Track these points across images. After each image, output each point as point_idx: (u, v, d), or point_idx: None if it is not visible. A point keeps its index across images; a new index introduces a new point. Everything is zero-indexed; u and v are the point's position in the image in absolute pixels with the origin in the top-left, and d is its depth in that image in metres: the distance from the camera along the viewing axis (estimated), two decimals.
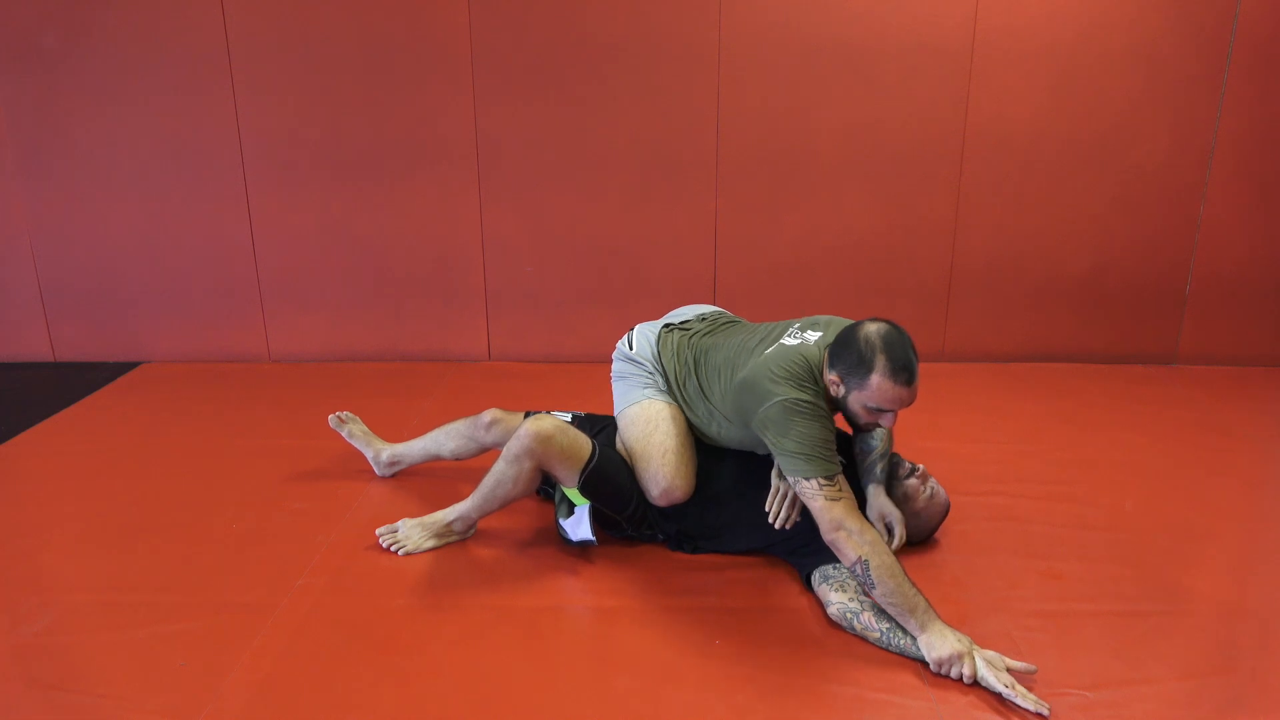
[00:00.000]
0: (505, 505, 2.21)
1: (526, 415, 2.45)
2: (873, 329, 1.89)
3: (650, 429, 2.18)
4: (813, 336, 2.05)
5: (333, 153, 3.44)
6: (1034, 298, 3.58)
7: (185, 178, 3.47)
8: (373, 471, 2.68)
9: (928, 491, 2.20)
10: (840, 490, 1.89)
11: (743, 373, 2.05)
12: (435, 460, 2.60)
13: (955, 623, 1.97)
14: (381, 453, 2.64)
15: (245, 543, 2.30)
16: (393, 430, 2.97)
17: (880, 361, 1.85)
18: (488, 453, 2.49)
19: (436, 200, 3.50)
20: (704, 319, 2.37)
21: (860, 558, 1.83)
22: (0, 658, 1.85)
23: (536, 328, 3.66)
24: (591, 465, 2.13)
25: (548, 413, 2.42)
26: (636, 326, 2.40)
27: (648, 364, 2.28)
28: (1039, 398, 3.27)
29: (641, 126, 3.41)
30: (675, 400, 2.24)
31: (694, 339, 2.27)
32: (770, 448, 1.99)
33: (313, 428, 3.01)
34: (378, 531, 2.28)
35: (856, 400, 1.92)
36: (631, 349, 2.33)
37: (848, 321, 2.09)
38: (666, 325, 2.35)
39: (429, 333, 3.67)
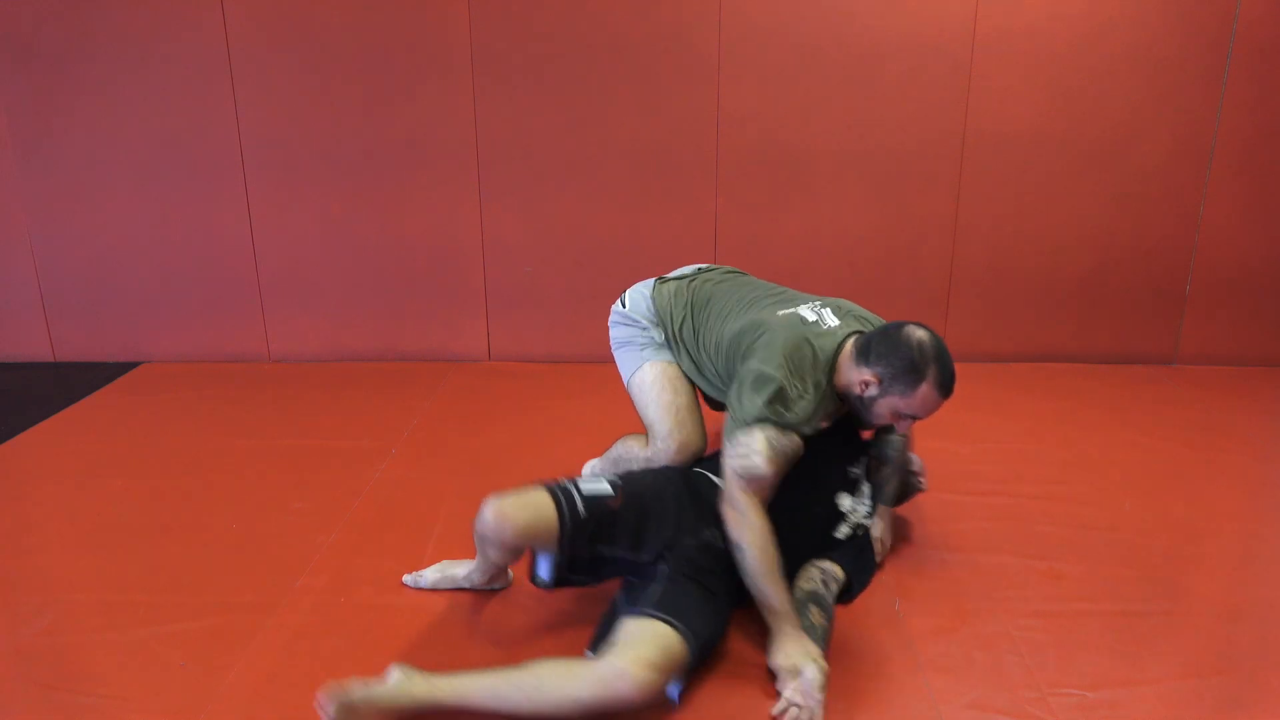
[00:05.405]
0: None
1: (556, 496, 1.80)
2: (922, 335, 1.84)
3: (658, 390, 2.15)
4: (831, 321, 1.97)
5: (333, 153, 3.44)
6: (1034, 298, 3.58)
7: (185, 178, 3.47)
8: (383, 479, 2.67)
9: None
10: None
11: (744, 320, 1.98)
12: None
13: (955, 622, 1.97)
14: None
15: (245, 543, 2.30)
16: (392, 430, 2.97)
17: (933, 372, 1.82)
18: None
19: (436, 200, 3.50)
20: (702, 270, 2.32)
21: (739, 541, 1.79)
22: (0, 658, 1.85)
23: (536, 328, 3.66)
24: (693, 655, 1.69)
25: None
26: (628, 290, 2.33)
27: (642, 319, 2.22)
28: (1039, 398, 3.27)
29: (642, 126, 3.41)
30: (674, 350, 2.19)
31: (693, 285, 2.22)
32: (729, 405, 1.89)
33: (313, 428, 3.02)
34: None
35: (889, 404, 1.87)
36: (625, 307, 2.27)
37: (864, 311, 2.06)
38: (660, 279, 2.30)
39: (429, 333, 3.67)
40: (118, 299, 3.63)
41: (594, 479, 1.88)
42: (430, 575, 2.08)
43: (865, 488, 2.12)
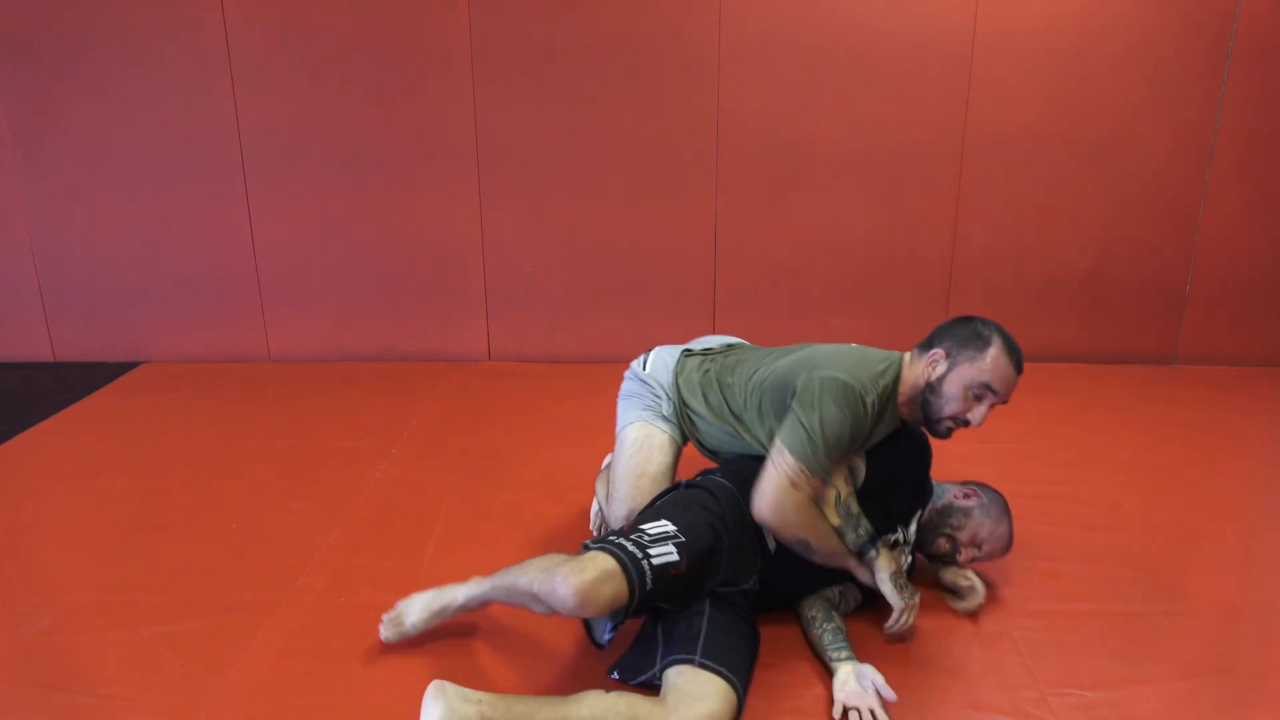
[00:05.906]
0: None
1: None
2: (980, 318, 1.92)
3: (633, 452, 2.13)
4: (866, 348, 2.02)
5: (333, 153, 3.44)
6: (1034, 298, 3.58)
7: (185, 178, 3.47)
8: (383, 479, 2.67)
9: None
10: (808, 486, 1.79)
11: (794, 358, 1.97)
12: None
13: (955, 622, 1.98)
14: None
15: (245, 543, 2.30)
16: (392, 430, 2.97)
17: (998, 339, 1.87)
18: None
19: (436, 200, 3.50)
20: (730, 347, 2.28)
21: (795, 537, 1.82)
22: (0, 658, 1.85)
23: (536, 328, 3.66)
24: (742, 704, 1.68)
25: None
26: (655, 348, 2.29)
27: (657, 386, 2.19)
28: (1039, 398, 3.27)
29: (642, 126, 3.41)
30: (678, 425, 2.16)
31: (718, 359, 2.19)
32: (787, 417, 1.85)
33: (313, 428, 3.02)
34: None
35: (961, 378, 1.86)
36: (645, 369, 2.24)
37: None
38: (688, 350, 2.25)
39: (429, 333, 3.67)
40: (118, 299, 3.63)
41: (662, 542, 1.74)
42: (415, 617, 1.86)
43: (905, 546, 2.01)
